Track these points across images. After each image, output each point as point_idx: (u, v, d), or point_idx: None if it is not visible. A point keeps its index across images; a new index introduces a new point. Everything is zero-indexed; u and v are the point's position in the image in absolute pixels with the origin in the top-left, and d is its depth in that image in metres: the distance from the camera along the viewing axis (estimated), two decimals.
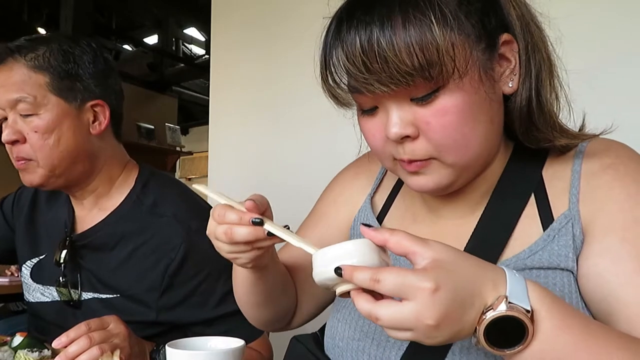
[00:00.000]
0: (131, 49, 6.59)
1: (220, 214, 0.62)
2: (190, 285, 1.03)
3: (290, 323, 0.89)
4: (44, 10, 5.34)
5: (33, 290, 1.16)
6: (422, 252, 0.50)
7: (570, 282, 0.63)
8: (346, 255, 0.52)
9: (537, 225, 0.67)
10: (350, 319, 0.72)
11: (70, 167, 1.05)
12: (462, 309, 0.49)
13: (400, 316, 0.48)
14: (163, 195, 1.11)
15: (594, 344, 0.51)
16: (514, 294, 0.49)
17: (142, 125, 4.99)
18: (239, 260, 0.66)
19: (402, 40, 0.56)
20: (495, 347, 0.50)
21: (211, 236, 0.65)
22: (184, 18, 6.15)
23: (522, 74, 0.65)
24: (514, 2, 0.66)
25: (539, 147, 0.68)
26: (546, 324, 0.50)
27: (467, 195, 0.72)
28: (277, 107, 1.97)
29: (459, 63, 0.58)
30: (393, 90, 0.59)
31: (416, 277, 0.48)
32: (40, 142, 1.01)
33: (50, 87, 1.02)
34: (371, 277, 0.49)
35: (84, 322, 0.84)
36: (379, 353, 0.68)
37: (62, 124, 1.03)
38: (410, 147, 0.63)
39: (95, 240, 1.10)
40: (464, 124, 0.61)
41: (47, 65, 1.03)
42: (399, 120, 0.61)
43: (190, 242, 1.02)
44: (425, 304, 0.47)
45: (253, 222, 0.60)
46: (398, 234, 0.51)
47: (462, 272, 0.50)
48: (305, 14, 1.86)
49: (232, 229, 0.61)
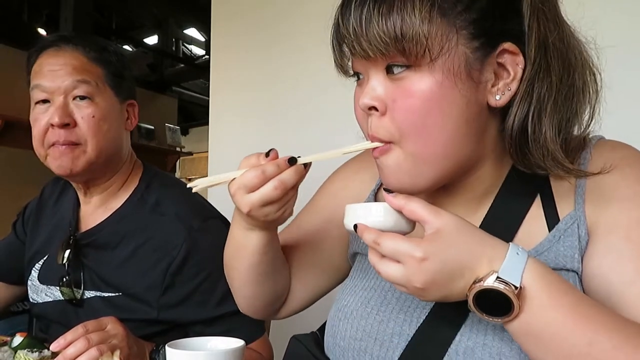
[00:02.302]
0: (131, 49, 6.58)
1: (257, 174, 0.64)
2: (191, 284, 1.03)
3: (280, 309, 0.89)
4: (44, 11, 5.33)
5: (40, 291, 1.17)
6: (431, 222, 0.56)
7: (575, 282, 0.63)
8: (367, 214, 0.61)
9: (542, 225, 0.67)
10: (352, 318, 0.72)
11: (112, 157, 1.10)
12: (449, 278, 0.55)
13: (395, 275, 0.57)
14: (166, 195, 1.12)
15: (582, 323, 0.54)
16: (506, 271, 0.54)
17: (142, 126, 4.99)
18: (287, 211, 0.69)
19: (386, 15, 0.59)
20: (484, 313, 0.56)
21: (256, 208, 0.66)
22: (184, 18, 6.15)
23: (521, 92, 0.62)
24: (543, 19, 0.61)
25: (532, 172, 0.65)
26: (535, 301, 0.54)
27: (465, 196, 0.71)
28: (277, 107, 1.97)
29: (432, 45, 0.58)
30: (370, 57, 0.61)
31: (409, 245, 0.55)
32: (96, 128, 1.05)
33: (106, 78, 1.09)
34: (374, 240, 0.58)
35: (81, 324, 0.84)
36: (382, 353, 0.68)
37: (112, 114, 1.09)
38: (376, 122, 0.64)
39: (99, 238, 1.10)
40: (426, 113, 0.60)
41: (103, 59, 1.09)
42: (370, 90, 0.63)
43: (191, 241, 1.03)
44: (413, 270, 0.55)
45: (290, 162, 0.64)
46: (413, 203, 0.58)
47: (457, 246, 0.56)
48: (305, 15, 1.87)
49: (281, 179, 0.64)
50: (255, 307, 0.86)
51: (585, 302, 0.56)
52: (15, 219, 1.32)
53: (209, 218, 1.10)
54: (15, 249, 1.28)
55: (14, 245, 1.29)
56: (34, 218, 1.27)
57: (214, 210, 1.17)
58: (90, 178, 1.11)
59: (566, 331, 0.54)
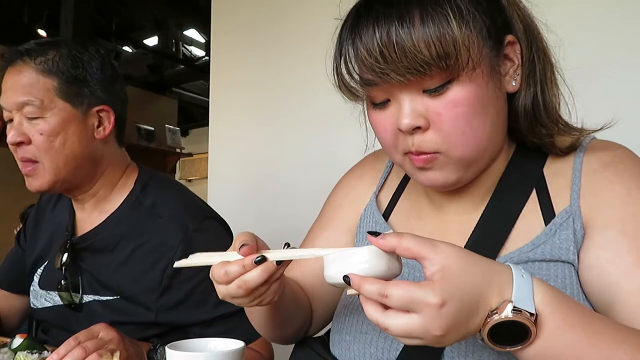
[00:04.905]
0: (131, 51, 6.58)
1: (222, 274, 0.60)
2: (188, 286, 1.03)
3: (307, 333, 0.88)
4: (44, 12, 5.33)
5: (40, 296, 1.17)
6: (431, 258, 0.50)
7: (571, 274, 0.65)
8: (355, 262, 0.53)
9: (539, 220, 0.69)
10: (358, 313, 0.74)
11: (75, 171, 1.06)
12: (467, 317, 0.50)
13: (409, 328, 0.50)
14: (161, 197, 1.12)
15: (597, 340, 0.52)
16: (519, 298, 0.50)
17: (142, 127, 5.00)
18: (265, 301, 0.64)
19: (420, 34, 0.58)
20: (498, 344, 0.52)
21: (227, 299, 0.63)
22: (184, 20, 6.14)
23: (525, 73, 0.68)
24: (516, 7, 0.69)
25: (542, 142, 0.71)
26: (549, 324, 0.51)
27: (472, 191, 0.74)
28: (277, 108, 1.97)
29: (473, 54, 0.60)
30: (409, 80, 0.61)
31: (423, 292, 0.49)
32: (46, 144, 1.02)
33: (58, 91, 1.04)
34: (379, 292, 0.50)
35: (72, 336, 0.82)
36: (387, 345, 0.69)
37: (68, 127, 1.04)
38: (420, 138, 0.64)
39: (96, 242, 1.10)
40: (473, 116, 0.63)
41: (56, 70, 1.04)
42: (411, 112, 0.63)
43: (188, 242, 1.02)
44: (432, 318, 0.49)
45: (256, 262, 0.59)
46: (406, 240, 0.52)
47: (469, 280, 0.51)
48: (305, 16, 1.87)
49: (243, 280, 0.60)
50: (281, 340, 0.85)
51: (594, 318, 0.55)
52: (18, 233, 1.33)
53: (206, 218, 1.09)
54: (20, 259, 1.28)
55: (17, 256, 1.29)
56: (33, 225, 1.27)
57: (210, 210, 1.17)
58: (67, 189, 1.10)
59: (583, 351, 0.52)
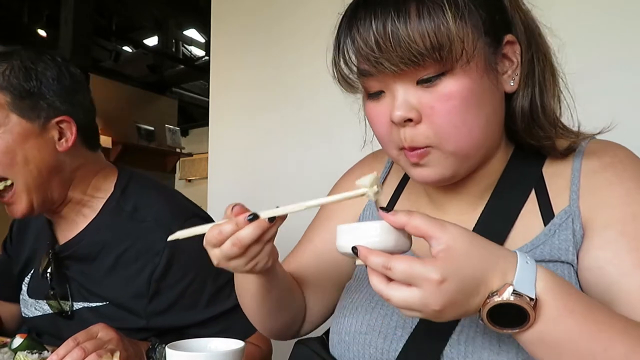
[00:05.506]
0: (131, 51, 6.59)
1: (216, 233, 0.61)
2: (177, 289, 1.02)
3: (300, 329, 0.89)
4: (44, 12, 5.34)
5: (30, 305, 1.16)
6: (438, 237, 0.52)
7: (570, 273, 0.65)
8: (365, 235, 0.56)
9: (538, 220, 0.69)
10: (357, 314, 0.74)
11: (46, 185, 1.02)
12: (467, 296, 0.52)
13: (410, 300, 0.52)
14: (143, 200, 1.09)
15: (596, 329, 0.53)
16: (520, 283, 0.52)
17: (142, 127, 5.00)
18: (259, 264, 0.65)
19: (415, 26, 0.59)
20: (497, 326, 0.53)
21: (222, 262, 0.64)
22: (184, 19, 6.15)
23: (524, 74, 0.68)
24: (518, 9, 0.69)
25: (540, 144, 0.70)
26: (549, 310, 0.52)
27: (470, 190, 0.74)
28: (277, 108, 1.97)
29: (467, 47, 0.60)
30: (402, 70, 0.61)
31: (424, 267, 0.51)
32: (7, 161, 0.98)
33: (11, 106, 0.99)
34: (383, 264, 0.53)
35: (71, 337, 0.82)
36: (386, 345, 0.69)
37: (25, 143, 0.99)
38: (411, 132, 0.64)
39: (78, 250, 1.08)
40: (466, 110, 0.63)
41: (7, 84, 0.99)
42: (404, 103, 0.63)
43: (173, 246, 0.99)
44: (431, 293, 0.51)
45: (249, 219, 0.60)
46: (415, 219, 0.54)
47: (472, 262, 0.52)
48: (305, 16, 1.87)
49: (237, 237, 0.60)
50: (273, 332, 0.86)
51: (596, 307, 0.55)
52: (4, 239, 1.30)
53: (189, 218, 1.05)
54: (6, 267, 1.25)
55: (3, 264, 1.27)
56: (18, 232, 1.24)
57: (194, 208, 1.14)
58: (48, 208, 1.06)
59: (583, 339, 0.52)
